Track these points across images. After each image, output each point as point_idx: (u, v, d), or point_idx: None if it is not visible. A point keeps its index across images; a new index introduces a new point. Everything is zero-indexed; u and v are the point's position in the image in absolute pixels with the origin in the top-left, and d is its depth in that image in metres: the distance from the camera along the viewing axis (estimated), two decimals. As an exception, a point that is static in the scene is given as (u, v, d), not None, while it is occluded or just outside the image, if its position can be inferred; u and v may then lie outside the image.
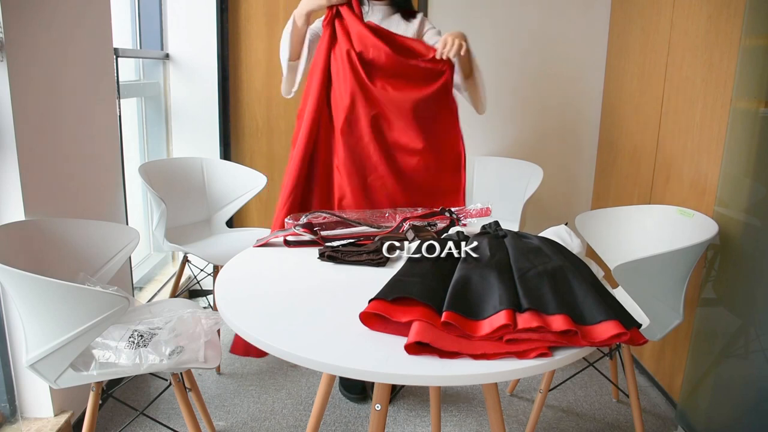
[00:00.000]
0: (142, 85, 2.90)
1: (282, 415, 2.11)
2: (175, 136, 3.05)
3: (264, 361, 2.48)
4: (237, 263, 1.45)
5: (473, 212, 1.72)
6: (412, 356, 0.97)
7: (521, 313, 1.02)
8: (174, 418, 2.05)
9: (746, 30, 1.74)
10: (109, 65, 2.15)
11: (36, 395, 1.79)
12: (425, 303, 1.05)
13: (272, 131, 3.07)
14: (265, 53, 2.99)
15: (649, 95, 2.43)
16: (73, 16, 1.88)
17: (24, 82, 1.62)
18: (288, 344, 1.01)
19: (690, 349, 1.99)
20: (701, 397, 1.93)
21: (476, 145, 3.05)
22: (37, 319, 1.36)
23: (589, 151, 3.10)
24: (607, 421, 2.13)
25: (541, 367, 0.97)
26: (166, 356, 1.44)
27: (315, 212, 1.67)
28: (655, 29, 2.40)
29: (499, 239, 1.37)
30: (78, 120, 1.92)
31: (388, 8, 2.02)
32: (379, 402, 1.15)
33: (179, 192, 2.47)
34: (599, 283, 1.15)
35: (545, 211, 3.13)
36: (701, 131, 2.01)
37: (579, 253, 1.68)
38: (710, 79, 1.95)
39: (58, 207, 1.81)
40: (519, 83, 3.02)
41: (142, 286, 2.90)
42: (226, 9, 2.92)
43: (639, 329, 1.04)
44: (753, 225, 1.73)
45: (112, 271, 1.73)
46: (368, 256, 1.43)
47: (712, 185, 1.91)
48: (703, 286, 1.94)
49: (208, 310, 1.65)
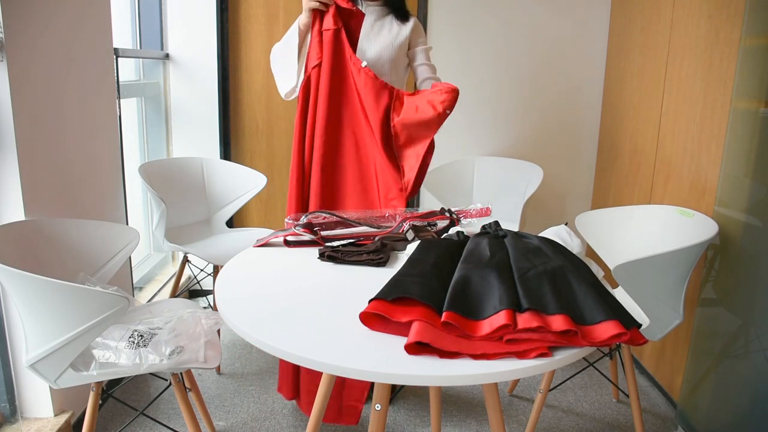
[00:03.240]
0: (142, 85, 2.90)
1: (282, 415, 2.11)
2: (175, 136, 3.05)
3: (264, 361, 2.48)
4: (237, 263, 1.45)
5: (473, 212, 1.72)
6: (412, 356, 0.97)
7: (521, 313, 1.02)
8: (174, 418, 2.05)
9: (746, 30, 1.74)
10: (109, 65, 2.15)
11: (36, 395, 1.79)
12: (425, 303, 1.05)
13: (272, 131, 3.07)
14: (265, 53, 2.98)
15: (649, 95, 2.43)
16: (73, 16, 1.88)
17: (24, 82, 1.62)
18: (288, 344, 1.01)
19: (690, 349, 1.99)
20: (701, 397, 1.93)
21: (476, 145, 3.06)
22: (37, 319, 1.36)
23: (589, 151, 3.10)
24: (607, 421, 2.13)
25: (541, 367, 0.97)
26: (166, 356, 1.44)
27: (315, 212, 1.67)
28: (655, 29, 2.40)
29: (499, 239, 1.37)
30: (78, 120, 1.92)
31: (383, 9, 2.03)
32: (379, 402, 1.15)
33: (179, 192, 2.47)
34: (599, 283, 1.15)
35: (545, 211, 3.13)
36: (701, 131, 2.00)
37: (579, 253, 1.68)
38: (710, 79, 1.95)
39: (58, 207, 1.81)
40: (519, 83, 3.02)
41: (142, 286, 2.90)
42: (226, 9, 2.92)
43: (639, 329, 1.04)
44: (753, 225, 1.73)
45: (112, 271, 1.73)
46: (368, 256, 1.43)
47: (712, 185, 1.91)
48: (703, 286, 1.94)
49: (208, 310, 1.65)
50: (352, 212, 1.75)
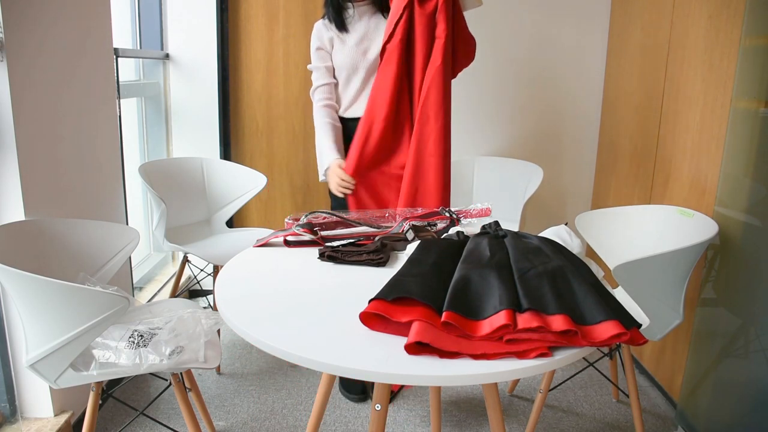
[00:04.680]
0: (142, 85, 2.90)
1: (282, 415, 2.11)
2: (175, 136, 3.05)
3: (264, 361, 2.48)
4: (237, 263, 1.45)
5: (473, 212, 1.72)
6: (412, 356, 0.97)
7: (521, 313, 1.02)
8: (174, 418, 2.05)
9: (746, 30, 1.74)
10: (109, 65, 2.15)
11: (36, 395, 1.79)
12: (425, 303, 1.05)
13: (272, 131, 3.07)
14: (265, 53, 2.99)
15: (649, 95, 2.43)
16: (73, 16, 1.88)
17: (24, 82, 1.62)
18: (288, 344, 1.01)
19: (690, 349, 1.99)
20: (701, 397, 1.93)
21: (476, 145, 3.06)
22: (37, 319, 1.36)
23: (589, 151, 3.10)
24: (607, 421, 2.13)
25: (541, 367, 0.97)
26: (166, 356, 1.44)
27: (315, 212, 1.67)
28: (655, 29, 2.40)
29: (499, 239, 1.37)
30: (78, 120, 1.92)
31: (370, 7, 2.07)
32: (379, 402, 1.15)
33: (179, 192, 2.47)
34: (599, 283, 1.15)
35: (545, 211, 3.13)
36: (701, 131, 2.00)
37: (579, 253, 1.68)
38: (710, 79, 1.95)
39: (58, 207, 1.81)
40: (519, 83, 3.02)
41: (142, 286, 2.90)
42: (226, 9, 2.92)
43: (639, 329, 1.04)
44: (753, 225, 1.73)
45: (112, 271, 1.73)
46: (368, 256, 1.43)
47: (712, 185, 1.91)
48: (703, 286, 1.94)
49: (208, 310, 1.65)
50: (351, 212, 1.75)
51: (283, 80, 3.01)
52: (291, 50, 2.98)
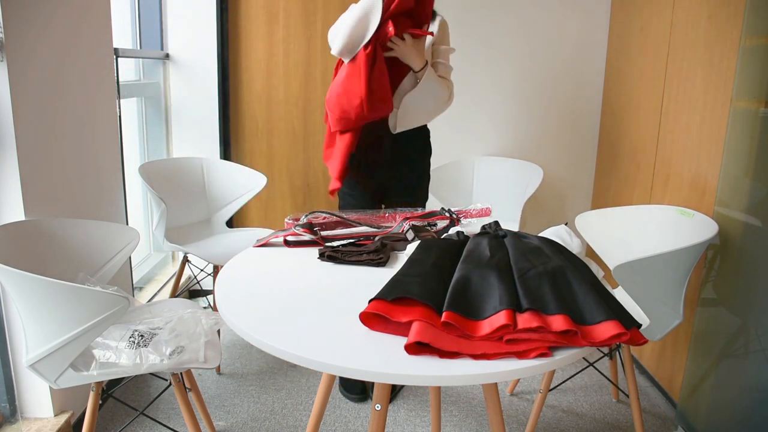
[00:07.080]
0: (142, 85, 2.90)
1: (282, 415, 2.11)
2: (175, 136, 3.05)
3: (264, 361, 2.48)
4: (237, 263, 1.45)
5: (473, 212, 1.72)
6: (412, 356, 0.97)
7: (521, 313, 1.02)
8: (174, 418, 2.05)
9: (746, 30, 1.74)
10: (109, 65, 2.15)
11: (36, 395, 1.79)
12: (425, 303, 1.05)
13: (272, 131, 3.07)
14: (265, 53, 2.99)
15: (649, 95, 2.43)
16: (73, 16, 1.88)
17: (24, 82, 1.62)
18: (288, 344, 1.01)
19: (690, 349, 1.99)
20: (701, 397, 1.93)
21: (476, 145, 3.06)
22: (37, 319, 1.36)
23: (589, 151, 3.10)
24: (607, 421, 2.13)
25: (541, 367, 0.97)
26: (166, 356, 1.44)
27: (315, 212, 1.67)
28: (655, 29, 2.40)
29: (499, 239, 1.37)
30: (78, 120, 1.92)
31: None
32: (379, 402, 1.15)
33: (179, 192, 2.47)
34: (599, 283, 1.15)
35: (545, 211, 3.13)
36: (701, 131, 2.00)
37: (579, 253, 1.68)
38: (710, 79, 1.95)
39: (58, 207, 1.81)
40: (519, 83, 3.02)
41: (142, 286, 2.90)
42: (226, 9, 2.92)
43: (639, 329, 1.04)
44: (753, 225, 1.73)
45: (112, 271, 1.73)
46: (368, 256, 1.43)
47: (712, 185, 1.91)
48: (703, 286, 1.94)
49: (208, 310, 1.65)
50: (352, 212, 1.75)
51: (283, 80, 3.01)
52: (291, 50, 2.98)
